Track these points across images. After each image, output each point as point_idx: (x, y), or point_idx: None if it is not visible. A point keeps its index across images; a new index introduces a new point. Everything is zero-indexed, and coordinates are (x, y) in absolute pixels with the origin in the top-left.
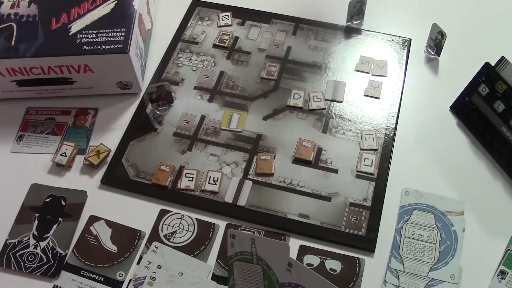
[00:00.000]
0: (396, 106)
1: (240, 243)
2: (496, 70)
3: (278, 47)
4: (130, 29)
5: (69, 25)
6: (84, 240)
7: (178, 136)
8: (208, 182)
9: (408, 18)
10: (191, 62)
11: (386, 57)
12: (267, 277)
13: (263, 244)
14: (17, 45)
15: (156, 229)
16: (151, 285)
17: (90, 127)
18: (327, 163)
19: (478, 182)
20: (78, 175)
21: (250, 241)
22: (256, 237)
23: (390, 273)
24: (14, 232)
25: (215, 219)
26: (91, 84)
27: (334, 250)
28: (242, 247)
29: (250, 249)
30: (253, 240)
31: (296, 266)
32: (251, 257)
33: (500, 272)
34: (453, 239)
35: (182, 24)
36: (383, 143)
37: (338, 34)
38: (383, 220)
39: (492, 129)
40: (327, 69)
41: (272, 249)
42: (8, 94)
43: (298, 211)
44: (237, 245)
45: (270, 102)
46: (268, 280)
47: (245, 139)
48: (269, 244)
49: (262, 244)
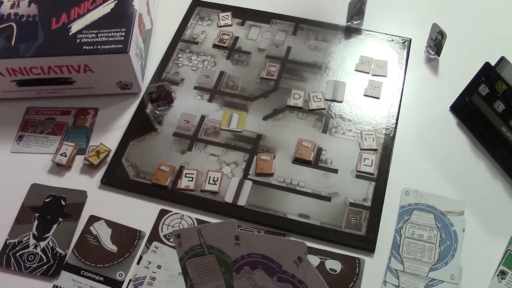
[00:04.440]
0: (396, 106)
1: (187, 240)
2: (496, 70)
3: (278, 47)
4: (130, 29)
5: (69, 25)
6: (84, 240)
7: (178, 136)
8: (208, 182)
9: (408, 18)
10: (191, 62)
11: (386, 57)
12: (222, 263)
13: (210, 231)
14: (17, 45)
15: (156, 229)
16: (151, 285)
17: (90, 127)
18: (327, 163)
19: (478, 182)
20: (78, 175)
21: (196, 234)
22: (201, 226)
23: (390, 273)
24: (14, 232)
25: (215, 219)
26: (91, 84)
27: (334, 250)
28: (190, 243)
29: (199, 241)
30: (199, 231)
31: (242, 236)
32: (202, 249)
33: (500, 272)
34: (453, 239)
35: (182, 24)
36: (383, 143)
37: (338, 34)
38: (383, 220)
39: (492, 129)
40: (327, 69)
41: (219, 232)
42: (8, 94)
43: (298, 211)
44: (184, 244)
45: (270, 102)
46: (224, 265)
47: (245, 139)
48: (215, 228)
49: (209, 231)
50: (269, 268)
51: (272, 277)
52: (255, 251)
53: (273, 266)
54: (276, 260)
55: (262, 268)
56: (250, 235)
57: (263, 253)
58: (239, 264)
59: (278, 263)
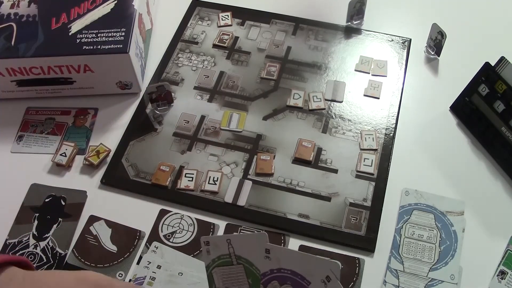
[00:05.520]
0: (396, 106)
1: (216, 247)
2: (496, 70)
3: (278, 47)
4: (130, 29)
5: (69, 25)
6: (84, 240)
7: (178, 136)
8: (208, 182)
9: (408, 18)
10: (191, 62)
11: (386, 57)
12: (250, 275)
13: (240, 241)
14: (17, 45)
15: (156, 229)
16: (151, 285)
17: (90, 127)
18: (327, 163)
19: (478, 182)
20: (78, 175)
21: (226, 243)
22: (231, 236)
23: (390, 273)
24: (14, 232)
25: (215, 219)
26: (91, 84)
27: (334, 250)
28: (219, 251)
29: (228, 250)
30: (228, 240)
31: (273, 249)
32: (230, 258)
33: (500, 272)
34: (453, 239)
35: (182, 24)
36: (383, 143)
37: (338, 34)
38: (383, 220)
39: (492, 129)
40: (327, 69)
41: (250, 243)
42: (8, 94)
43: (298, 211)
44: (213, 251)
45: (270, 102)
46: (252, 277)
47: (245, 139)
48: (246, 239)
49: (239, 241)
50: (298, 284)
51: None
52: (285, 266)
53: (302, 283)
54: (306, 277)
55: (291, 284)
56: (281, 250)
57: (292, 269)
58: (268, 278)
59: (308, 281)
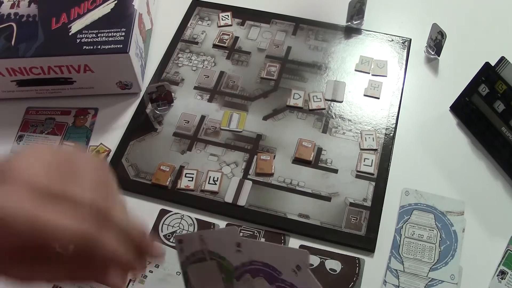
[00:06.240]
0: (396, 106)
1: (189, 245)
2: (496, 70)
3: (278, 47)
4: (130, 29)
5: (69, 25)
6: None
7: (178, 136)
8: (208, 182)
9: (408, 18)
10: (191, 62)
11: (386, 57)
12: (223, 270)
13: (211, 237)
14: (17, 45)
15: (156, 229)
16: (142, 283)
17: (90, 127)
18: (327, 163)
19: (478, 182)
20: None
21: (199, 239)
22: (203, 232)
23: (390, 273)
24: None
25: (215, 219)
26: (91, 84)
27: (334, 250)
28: (192, 248)
29: (200, 247)
30: (201, 236)
31: (244, 243)
32: (203, 255)
33: (500, 272)
34: (453, 239)
35: (182, 24)
36: (383, 143)
37: (338, 34)
38: (383, 220)
39: (492, 129)
40: (327, 69)
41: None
42: (8, 94)
43: (298, 211)
44: (186, 249)
45: (270, 102)
46: (225, 272)
47: (245, 139)
48: (217, 234)
49: (210, 237)
50: (270, 276)
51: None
52: (257, 258)
53: (274, 274)
54: (277, 268)
55: (263, 276)
56: (251, 242)
57: (264, 260)
58: (240, 271)
59: (279, 271)
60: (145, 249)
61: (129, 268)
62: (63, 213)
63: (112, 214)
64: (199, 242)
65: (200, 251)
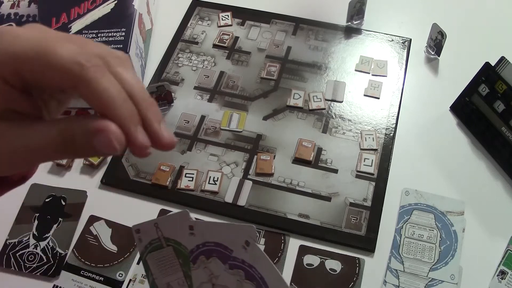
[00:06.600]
0: (396, 106)
1: (146, 234)
2: (496, 70)
3: (278, 47)
4: (130, 29)
5: (69, 25)
6: (84, 240)
7: (178, 136)
8: (208, 182)
9: (408, 18)
10: (191, 62)
11: (386, 57)
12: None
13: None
14: None
15: None
16: (142, 283)
17: None
18: (327, 163)
19: (478, 182)
20: (78, 175)
21: (154, 227)
22: (158, 219)
23: (390, 273)
24: (14, 232)
25: (215, 219)
26: None
27: (334, 250)
28: (149, 237)
29: (157, 234)
30: (156, 224)
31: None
32: (160, 242)
33: (500, 272)
34: (453, 239)
35: (182, 24)
36: (383, 143)
37: (338, 34)
38: (383, 220)
39: (492, 129)
40: (327, 69)
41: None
42: None
43: (298, 211)
44: (144, 238)
45: (270, 102)
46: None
47: (245, 139)
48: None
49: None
50: (222, 255)
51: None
52: (209, 239)
53: (226, 252)
54: (228, 246)
55: (216, 256)
56: (202, 223)
57: (215, 240)
58: (195, 254)
59: (230, 249)
60: (147, 112)
61: (125, 130)
62: (68, 46)
63: (117, 67)
64: (155, 230)
65: (157, 239)
